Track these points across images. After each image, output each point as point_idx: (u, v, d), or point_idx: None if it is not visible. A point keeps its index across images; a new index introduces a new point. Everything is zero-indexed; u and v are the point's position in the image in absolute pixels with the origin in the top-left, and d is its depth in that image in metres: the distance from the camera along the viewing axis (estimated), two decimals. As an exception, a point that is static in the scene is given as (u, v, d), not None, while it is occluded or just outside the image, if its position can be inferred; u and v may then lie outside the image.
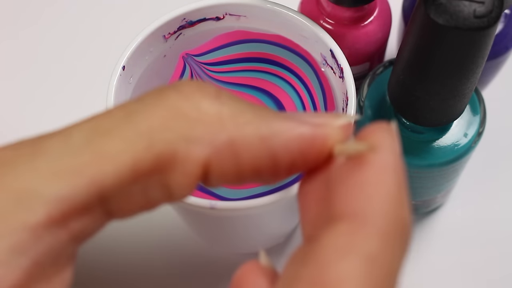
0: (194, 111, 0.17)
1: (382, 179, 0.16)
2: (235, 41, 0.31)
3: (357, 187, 0.16)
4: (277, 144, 0.17)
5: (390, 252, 0.16)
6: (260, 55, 0.31)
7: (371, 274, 0.15)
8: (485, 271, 0.36)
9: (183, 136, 0.17)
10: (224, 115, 0.17)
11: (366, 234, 0.16)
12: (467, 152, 0.30)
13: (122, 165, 0.16)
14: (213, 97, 0.17)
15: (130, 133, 0.16)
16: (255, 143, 0.17)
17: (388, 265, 0.16)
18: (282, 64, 0.30)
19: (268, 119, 0.17)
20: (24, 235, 0.15)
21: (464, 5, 0.22)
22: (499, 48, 0.34)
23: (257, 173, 0.18)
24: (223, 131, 0.17)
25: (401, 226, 0.16)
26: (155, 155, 0.16)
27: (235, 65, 0.31)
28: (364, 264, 0.15)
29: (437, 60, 0.24)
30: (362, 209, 0.16)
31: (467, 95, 0.26)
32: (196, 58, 0.30)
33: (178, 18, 0.29)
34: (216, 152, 0.17)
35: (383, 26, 0.33)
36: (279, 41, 0.30)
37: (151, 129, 0.16)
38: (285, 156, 0.17)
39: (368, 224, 0.16)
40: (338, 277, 0.15)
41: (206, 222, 0.31)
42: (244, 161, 0.17)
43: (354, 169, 0.17)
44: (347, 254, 0.15)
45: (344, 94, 0.27)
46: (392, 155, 0.17)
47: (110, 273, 0.36)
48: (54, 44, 0.44)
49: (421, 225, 0.37)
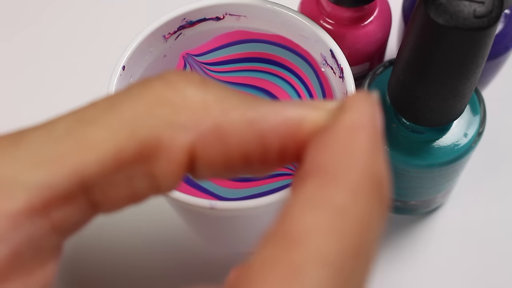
0: (179, 99, 0.17)
1: (355, 136, 0.16)
2: (235, 41, 0.31)
3: (329, 144, 0.16)
4: (265, 128, 0.17)
5: (362, 207, 0.15)
6: (260, 55, 0.31)
7: (340, 227, 0.14)
8: (485, 271, 0.36)
9: (167, 123, 0.16)
10: (210, 101, 0.17)
11: (336, 187, 0.15)
12: (467, 152, 0.30)
13: (105, 153, 0.16)
14: (198, 84, 0.17)
15: (113, 122, 0.16)
16: (242, 127, 0.17)
17: (361, 220, 0.15)
18: (282, 64, 0.30)
19: (255, 103, 0.17)
20: (3, 223, 0.15)
21: (464, 5, 0.22)
22: (499, 48, 0.34)
23: (247, 161, 0.17)
24: (208, 117, 0.16)
25: (376, 181, 0.15)
26: (138, 142, 0.16)
27: (235, 65, 0.31)
28: (332, 216, 0.14)
29: (437, 60, 0.24)
30: (333, 164, 0.15)
31: (467, 95, 0.26)
32: (196, 58, 0.30)
33: (178, 18, 0.29)
34: (201, 138, 0.16)
35: (383, 26, 0.33)
36: (279, 41, 0.30)
37: (135, 117, 0.16)
38: (274, 140, 0.17)
39: (338, 178, 0.15)
40: (303, 229, 0.14)
41: (206, 222, 0.31)
42: (232, 147, 0.17)
43: (326, 129, 0.16)
44: (314, 207, 0.15)
45: (344, 94, 0.27)
46: (366, 116, 0.16)
47: (109, 273, 0.36)
48: (53, 44, 0.44)
49: (421, 225, 0.37)
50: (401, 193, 0.34)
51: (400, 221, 0.37)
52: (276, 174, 0.28)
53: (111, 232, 0.37)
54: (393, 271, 0.36)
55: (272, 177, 0.28)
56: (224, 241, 0.36)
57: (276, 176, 0.28)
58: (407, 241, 0.37)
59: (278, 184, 0.28)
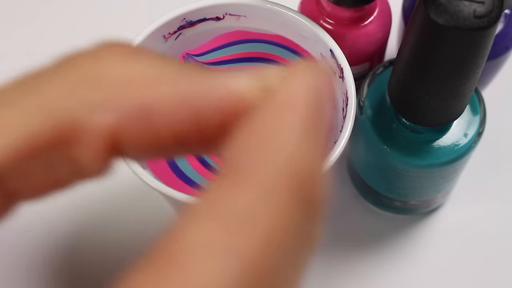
0: (103, 75, 0.15)
1: (280, 120, 0.13)
2: (235, 41, 0.31)
3: (248, 130, 0.13)
4: (201, 103, 0.14)
5: (274, 215, 0.12)
6: (260, 55, 0.31)
7: (238, 243, 0.11)
8: (485, 271, 0.36)
9: (85, 104, 0.14)
10: (138, 76, 0.15)
11: (243, 190, 0.12)
12: (467, 152, 0.30)
13: (16, 138, 0.14)
14: (128, 56, 0.15)
15: (29, 105, 0.14)
16: (171, 104, 0.14)
17: (269, 233, 0.11)
18: (283, 64, 0.30)
19: (193, 75, 0.15)
20: None
21: (464, 5, 0.22)
22: (499, 48, 0.34)
23: (180, 140, 0.15)
24: (133, 94, 0.14)
25: (299, 181, 0.12)
26: (53, 126, 0.14)
27: (235, 65, 0.31)
28: (230, 229, 0.11)
29: (437, 60, 0.24)
30: (247, 158, 0.12)
31: (467, 95, 0.26)
32: (196, 58, 0.30)
33: (178, 18, 0.29)
34: (124, 118, 0.14)
35: (383, 26, 0.33)
36: (279, 41, 0.30)
37: (54, 98, 0.15)
38: (214, 116, 0.14)
39: (248, 178, 0.12)
40: (188, 248, 0.11)
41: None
42: (161, 127, 0.14)
43: (254, 110, 0.13)
44: (209, 217, 0.12)
45: (344, 94, 0.27)
46: (300, 92, 0.13)
47: (109, 273, 0.36)
48: (52, 44, 0.44)
49: (421, 225, 0.37)
50: (401, 193, 0.34)
51: (400, 221, 0.37)
52: None
53: (110, 233, 0.37)
54: (393, 271, 0.36)
55: None
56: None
57: None
58: (407, 241, 0.37)
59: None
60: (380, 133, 0.30)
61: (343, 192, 0.38)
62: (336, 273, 0.36)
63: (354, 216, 0.38)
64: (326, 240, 0.37)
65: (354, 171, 0.36)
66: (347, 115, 0.26)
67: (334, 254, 0.37)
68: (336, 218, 0.38)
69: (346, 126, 0.26)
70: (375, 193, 0.35)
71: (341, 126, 0.27)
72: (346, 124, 0.26)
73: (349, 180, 0.38)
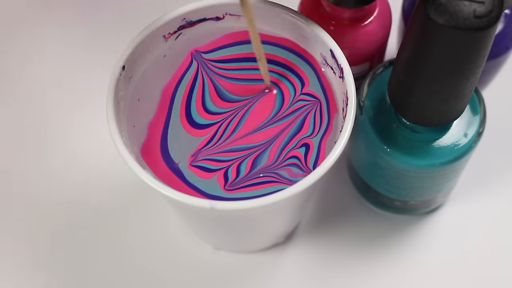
0: None
1: None
2: (235, 41, 0.31)
3: None
4: None
5: None
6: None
7: None
8: (485, 271, 0.36)
9: None
10: None
11: None
12: (467, 152, 0.30)
13: None
14: None
15: None
16: None
17: None
18: (283, 64, 0.30)
19: None
20: None
21: (464, 5, 0.22)
22: (499, 48, 0.34)
23: None
24: None
25: None
26: None
27: (235, 64, 0.31)
28: None
29: (437, 60, 0.24)
30: None
31: (467, 95, 0.26)
32: (204, 55, 0.30)
33: (178, 18, 0.29)
34: None
35: (383, 26, 0.33)
36: (279, 41, 0.30)
37: None
38: None
39: None
40: None
41: (206, 222, 0.31)
42: None
43: None
44: None
45: (344, 94, 0.27)
46: None
47: (108, 274, 0.36)
48: (51, 44, 0.44)
49: (421, 225, 0.37)
50: (401, 193, 0.34)
51: (400, 221, 0.37)
52: (267, 181, 0.28)
53: (110, 233, 0.37)
54: (393, 271, 0.36)
55: (264, 183, 0.28)
56: (224, 240, 0.36)
57: (267, 182, 0.28)
58: (407, 241, 0.37)
59: (271, 189, 0.28)
60: (380, 133, 0.30)
61: (343, 192, 0.38)
62: (336, 273, 0.36)
63: (354, 216, 0.38)
64: (326, 240, 0.37)
65: (354, 171, 0.36)
66: (347, 115, 0.26)
67: (334, 254, 0.37)
68: (336, 218, 0.38)
69: (346, 126, 0.26)
70: (375, 193, 0.35)
71: (341, 126, 0.27)
72: (346, 124, 0.26)
73: (349, 180, 0.38)
